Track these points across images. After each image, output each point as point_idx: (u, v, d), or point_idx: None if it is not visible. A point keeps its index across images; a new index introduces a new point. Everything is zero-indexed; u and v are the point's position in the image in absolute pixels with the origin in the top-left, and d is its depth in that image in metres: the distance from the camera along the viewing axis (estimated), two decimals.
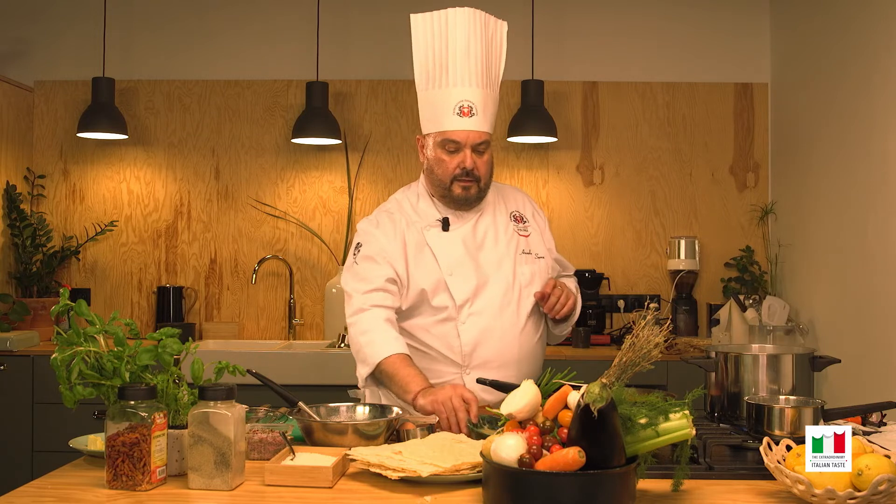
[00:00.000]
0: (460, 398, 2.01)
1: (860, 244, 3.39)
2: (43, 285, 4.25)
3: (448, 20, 2.31)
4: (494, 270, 2.35)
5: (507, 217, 2.45)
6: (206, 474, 1.59)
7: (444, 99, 2.29)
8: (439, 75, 2.31)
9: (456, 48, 2.29)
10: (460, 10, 2.31)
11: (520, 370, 2.31)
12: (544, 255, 2.44)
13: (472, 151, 2.29)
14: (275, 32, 4.48)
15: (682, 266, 4.25)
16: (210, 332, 4.40)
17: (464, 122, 2.27)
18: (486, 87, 2.32)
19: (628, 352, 1.49)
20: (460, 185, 2.31)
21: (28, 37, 4.49)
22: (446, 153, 2.30)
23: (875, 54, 3.28)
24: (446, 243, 2.35)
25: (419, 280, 2.32)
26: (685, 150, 4.45)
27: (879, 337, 3.23)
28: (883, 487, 1.42)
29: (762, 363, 2.01)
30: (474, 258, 2.35)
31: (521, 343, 2.34)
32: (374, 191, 4.44)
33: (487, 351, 2.30)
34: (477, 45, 2.30)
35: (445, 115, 2.28)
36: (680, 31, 4.45)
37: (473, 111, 2.27)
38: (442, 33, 2.31)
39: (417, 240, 2.35)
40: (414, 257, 2.34)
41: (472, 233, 2.38)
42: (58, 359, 1.70)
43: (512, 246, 2.40)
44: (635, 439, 1.49)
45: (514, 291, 2.35)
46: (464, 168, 2.29)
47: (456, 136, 2.28)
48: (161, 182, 4.47)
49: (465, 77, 2.28)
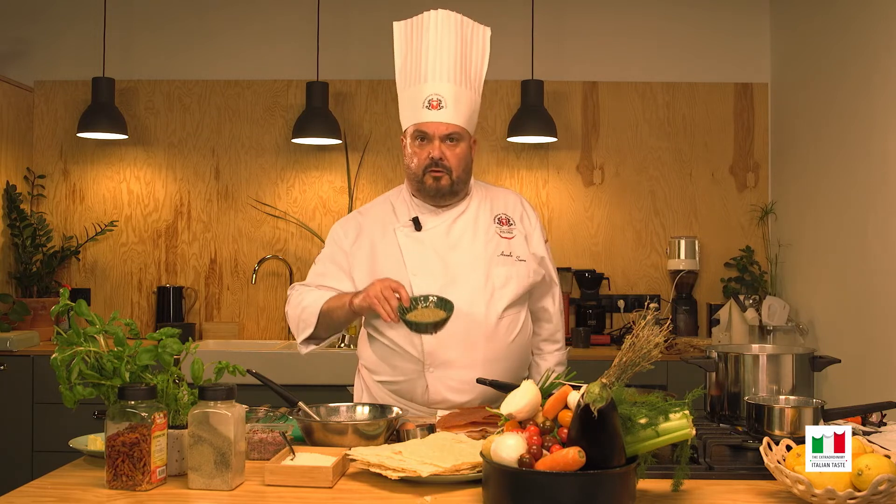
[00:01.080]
0: (387, 286, 2.17)
1: (860, 244, 3.39)
2: (43, 285, 4.25)
3: (423, 22, 2.39)
4: (466, 271, 2.34)
5: (491, 218, 2.44)
6: (206, 474, 1.59)
7: (416, 94, 2.36)
8: (413, 73, 2.38)
9: (428, 46, 2.36)
10: (437, 11, 2.38)
11: (489, 371, 2.30)
12: (526, 259, 2.42)
13: (442, 142, 2.34)
14: (275, 32, 4.48)
15: (682, 266, 4.25)
16: (210, 332, 4.40)
17: (433, 114, 2.33)
18: (460, 83, 2.36)
19: (628, 352, 1.49)
20: (431, 176, 2.35)
21: (28, 37, 4.49)
22: (417, 145, 2.36)
23: (875, 54, 3.28)
24: (415, 243, 2.38)
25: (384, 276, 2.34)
26: (685, 150, 4.45)
27: (879, 337, 3.23)
28: (883, 487, 1.42)
29: (762, 363, 2.01)
30: (444, 258, 2.35)
31: (490, 345, 2.32)
32: (374, 191, 4.44)
33: (449, 351, 2.29)
34: (450, 42, 2.36)
35: (416, 109, 2.35)
36: (680, 31, 4.45)
37: (443, 104, 2.33)
38: (417, 34, 2.39)
39: (390, 239, 2.40)
40: (382, 257, 2.38)
41: (447, 232, 2.39)
42: (58, 359, 1.70)
43: (490, 247, 2.38)
44: (635, 439, 1.49)
45: (485, 292, 2.33)
46: (432, 158, 2.33)
47: (426, 127, 2.33)
48: (161, 182, 4.47)
49: (434, 72, 2.34)
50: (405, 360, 2.34)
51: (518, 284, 2.38)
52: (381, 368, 2.40)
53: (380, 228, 2.43)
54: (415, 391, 2.34)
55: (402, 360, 2.35)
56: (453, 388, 2.30)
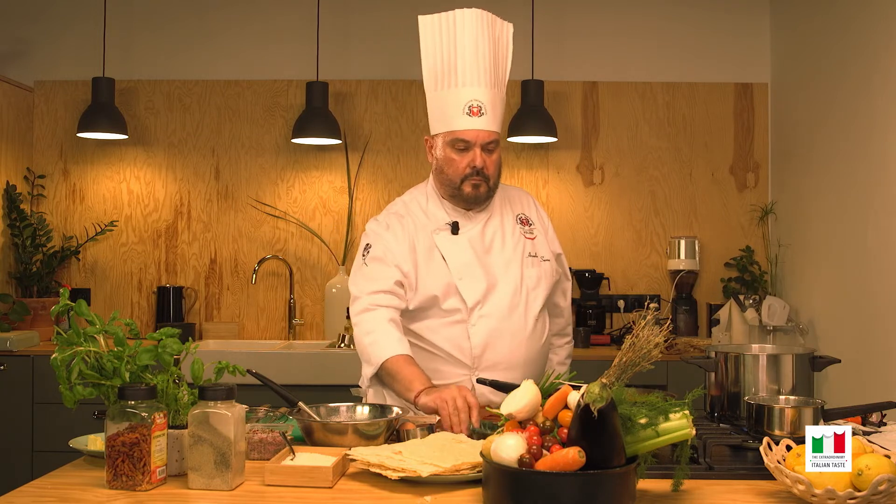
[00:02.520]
0: (464, 399, 2.00)
1: (860, 244, 3.39)
2: (43, 285, 4.25)
3: (456, 21, 2.32)
4: (503, 273, 2.36)
5: (514, 219, 2.46)
6: (206, 474, 1.59)
7: (453, 99, 2.30)
8: (448, 76, 2.32)
9: (465, 48, 2.30)
10: (468, 10, 2.33)
11: (525, 372, 2.32)
12: (549, 259, 2.45)
13: (482, 150, 2.31)
14: (275, 32, 4.48)
15: (682, 266, 4.25)
16: (210, 332, 4.40)
17: (473, 122, 2.29)
18: (495, 86, 2.33)
19: (628, 352, 1.49)
20: (471, 184, 2.32)
21: (28, 37, 4.49)
22: (456, 152, 2.31)
23: (875, 54, 3.28)
24: (456, 247, 2.36)
25: (429, 283, 2.32)
26: (685, 150, 4.45)
27: (879, 337, 3.23)
28: (883, 487, 1.42)
29: (762, 363, 2.01)
30: (483, 261, 2.35)
31: (529, 345, 2.35)
32: (374, 191, 4.44)
33: (497, 353, 2.31)
34: (485, 45, 2.32)
35: (455, 115, 2.30)
36: (680, 31, 4.45)
37: (483, 111, 2.29)
38: (450, 34, 2.32)
39: (427, 243, 2.36)
40: (423, 260, 2.34)
41: (481, 236, 2.39)
42: (58, 359, 1.70)
43: (519, 249, 2.40)
44: (635, 439, 1.49)
45: (521, 294, 2.35)
46: (474, 167, 2.30)
47: (466, 135, 2.29)
48: (161, 182, 4.47)
49: (474, 77, 2.30)
50: (453, 366, 2.32)
51: (546, 285, 2.41)
52: None
53: (417, 230, 2.38)
54: None
55: (450, 366, 2.33)
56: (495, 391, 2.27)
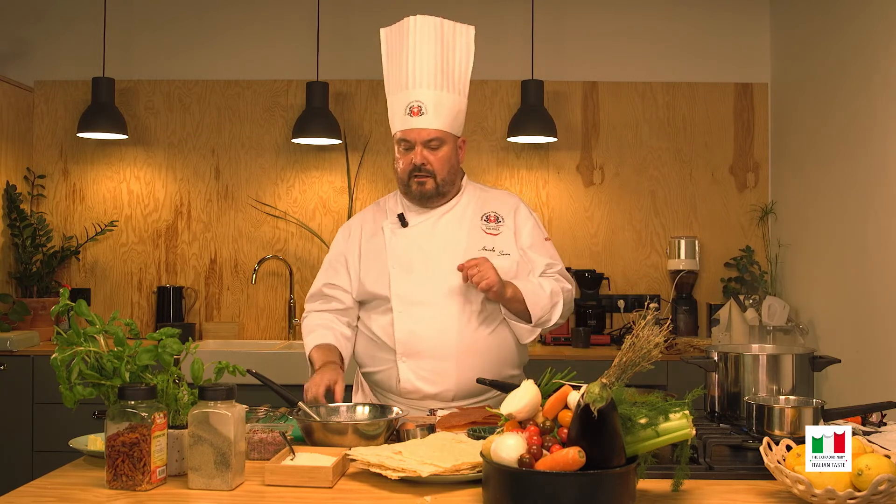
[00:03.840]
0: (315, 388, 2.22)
1: (860, 244, 3.39)
2: (43, 285, 4.25)
3: (409, 28, 2.42)
4: (445, 264, 2.38)
5: (479, 216, 2.48)
6: (206, 474, 1.59)
7: (399, 101, 2.42)
8: (396, 80, 2.44)
9: (409, 52, 2.40)
10: (420, 17, 2.42)
11: (463, 363, 2.34)
12: (510, 253, 2.43)
13: (424, 148, 2.39)
14: (275, 32, 4.48)
15: (682, 266, 4.25)
16: (210, 332, 4.40)
17: (413, 121, 2.38)
18: (441, 88, 2.40)
19: (628, 352, 1.49)
20: (415, 181, 2.42)
21: (28, 37, 4.49)
22: (401, 152, 2.43)
23: (875, 54, 3.28)
24: (400, 238, 2.46)
25: (372, 274, 2.45)
26: (685, 150, 4.45)
27: (879, 337, 3.23)
28: (883, 487, 1.42)
29: (762, 363, 2.01)
30: (425, 252, 2.42)
31: (464, 336, 2.36)
32: (374, 191, 4.44)
33: (422, 342, 2.36)
34: (429, 47, 2.40)
35: (399, 116, 2.42)
36: (680, 31, 4.45)
37: (423, 111, 2.37)
38: (402, 40, 2.43)
39: (378, 235, 2.49)
40: (369, 252, 2.48)
41: (432, 228, 2.46)
42: (58, 359, 1.70)
43: (472, 242, 2.43)
44: (635, 439, 1.49)
45: (460, 285, 2.37)
46: (414, 164, 2.39)
47: (407, 134, 2.40)
48: (161, 182, 4.47)
49: (414, 79, 2.39)
50: (384, 352, 2.42)
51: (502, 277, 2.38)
52: (364, 360, 2.50)
53: (370, 228, 2.53)
54: (390, 381, 2.41)
55: (382, 352, 2.43)
56: (424, 378, 2.36)
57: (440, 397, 2.35)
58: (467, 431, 1.90)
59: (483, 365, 2.37)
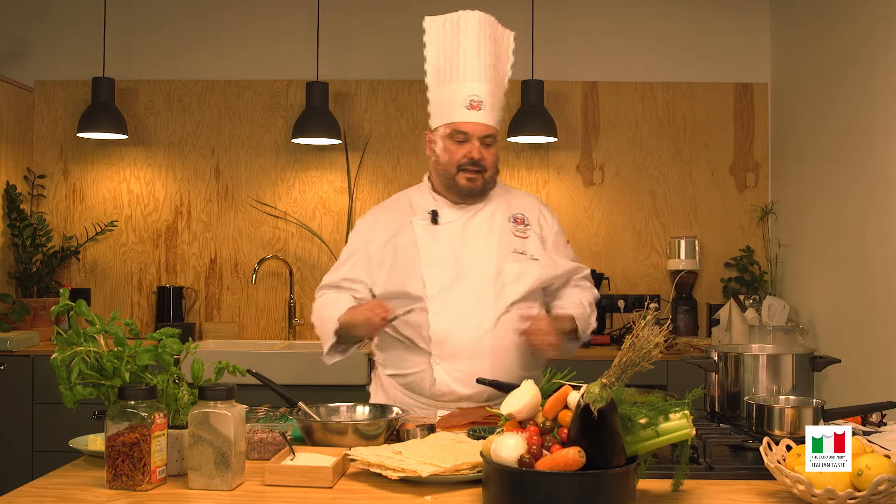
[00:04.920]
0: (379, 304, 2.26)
1: (860, 244, 3.39)
2: (43, 285, 4.25)
3: (459, 21, 2.40)
4: (478, 265, 2.38)
5: (507, 217, 2.47)
6: (206, 474, 1.59)
7: (454, 93, 2.38)
8: (449, 71, 2.40)
9: (467, 46, 2.38)
10: (471, 12, 2.41)
11: (494, 363, 2.33)
12: (540, 258, 2.45)
13: (479, 143, 2.37)
14: (275, 32, 4.48)
15: (682, 266, 4.25)
16: (210, 332, 4.40)
17: (473, 115, 2.36)
18: (494, 84, 2.40)
19: (628, 352, 1.49)
20: (465, 176, 2.38)
21: (28, 37, 4.49)
22: (454, 144, 2.38)
23: (875, 54, 3.28)
24: (431, 235, 2.41)
25: (400, 270, 2.39)
26: (685, 150, 4.45)
27: (879, 337, 3.23)
28: (883, 487, 1.42)
29: (762, 363, 2.01)
30: (458, 251, 2.39)
31: (499, 337, 2.35)
32: (374, 191, 4.44)
33: (459, 343, 2.33)
34: (486, 44, 2.39)
35: (455, 108, 2.37)
36: (680, 31, 4.45)
37: (482, 105, 2.36)
38: (453, 33, 2.40)
39: (406, 233, 2.43)
40: (398, 248, 2.42)
41: (463, 227, 2.43)
42: (58, 359, 1.70)
43: (504, 244, 2.42)
44: (635, 439, 1.49)
45: (494, 286, 2.36)
46: (471, 158, 2.36)
47: (465, 127, 2.36)
48: (161, 182, 4.47)
49: (474, 73, 2.37)
50: (415, 354, 2.37)
51: (529, 282, 2.40)
52: (391, 362, 2.45)
53: (397, 221, 2.46)
54: (423, 384, 2.37)
55: (412, 354, 2.38)
56: (459, 380, 2.32)
57: (474, 398, 2.32)
58: (467, 431, 1.90)
59: (516, 364, 2.36)
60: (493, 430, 1.83)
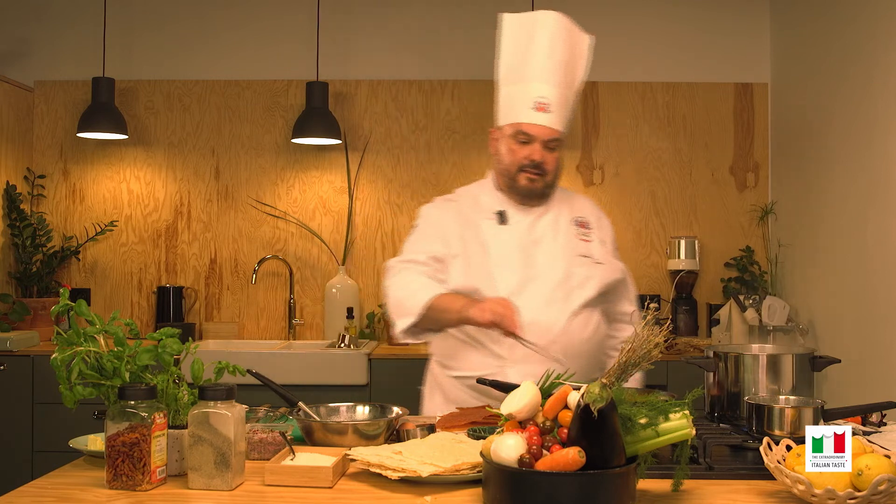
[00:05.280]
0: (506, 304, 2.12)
1: (860, 244, 3.39)
2: (43, 285, 4.25)
3: (536, 20, 2.39)
4: (546, 267, 2.36)
5: (570, 221, 2.46)
6: (206, 474, 1.59)
7: (522, 93, 2.36)
8: (520, 71, 2.38)
9: (539, 47, 2.37)
10: (549, 13, 2.40)
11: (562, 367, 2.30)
12: (604, 262, 2.45)
13: (543, 147, 2.35)
14: (275, 32, 4.48)
15: (682, 266, 4.25)
16: (210, 332, 4.40)
17: (538, 117, 2.34)
18: (565, 87, 2.38)
19: (628, 352, 1.49)
20: (526, 177, 2.37)
21: (28, 37, 4.49)
22: (517, 144, 2.37)
23: (875, 54, 3.28)
24: (500, 235, 2.39)
25: (468, 269, 2.35)
26: (685, 150, 4.45)
27: (879, 337, 3.23)
28: (883, 487, 1.42)
29: (762, 363, 2.01)
30: (527, 253, 2.37)
31: (565, 340, 2.33)
32: (374, 191, 4.44)
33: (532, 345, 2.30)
34: (559, 46, 2.38)
35: (522, 109, 2.35)
36: (680, 31, 4.45)
37: (549, 108, 2.34)
38: (528, 32, 2.39)
39: (472, 230, 2.40)
40: (466, 246, 2.38)
41: (530, 229, 2.41)
42: (58, 359, 1.70)
43: (570, 247, 2.41)
44: (635, 439, 1.49)
45: (563, 289, 2.35)
46: (532, 160, 2.35)
47: (529, 128, 2.34)
48: (161, 182, 4.47)
49: (543, 74, 2.35)
50: (486, 356, 2.34)
51: (595, 286, 2.40)
52: (458, 364, 2.39)
53: (465, 217, 2.44)
54: None
55: (479, 355, 2.34)
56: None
57: None
58: (467, 431, 1.90)
59: (580, 368, 2.33)
60: (493, 430, 1.83)
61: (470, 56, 4.38)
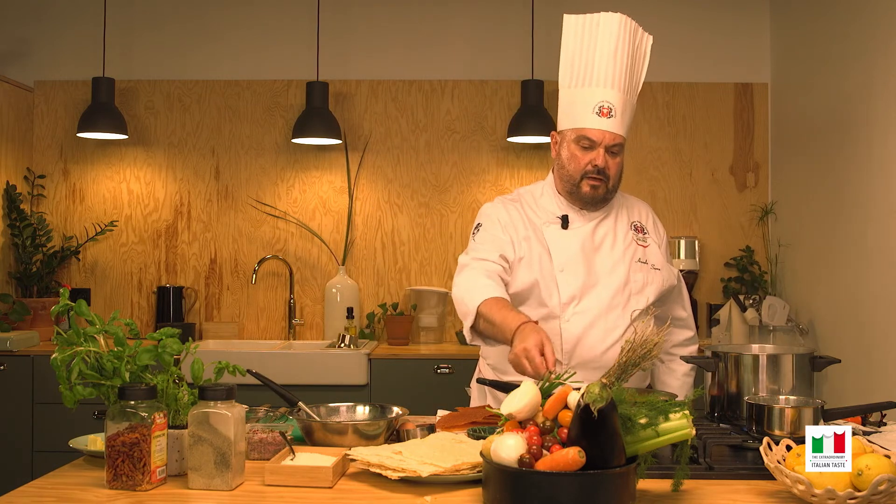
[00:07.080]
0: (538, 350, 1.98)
1: (860, 244, 3.39)
2: (43, 285, 4.25)
3: (599, 23, 2.36)
4: (607, 273, 2.36)
5: (628, 225, 2.46)
6: (206, 474, 1.59)
7: (584, 98, 2.34)
8: (582, 74, 2.36)
9: (603, 50, 2.34)
10: (613, 14, 2.36)
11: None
12: (661, 268, 2.44)
13: (606, 152, 2.33)
14: (275, 32, 4.48)
15: (682, 266, 4.25)
16: (210, 332, 4.40)
17: (601, 122, 2.32)
18: (627, 91, 2.36)
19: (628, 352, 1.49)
20: (589, 184, 2.35)
21: (28, 37, 4.49)
22: (580, 150, 2.35)
23: (875, 54, 3.28)
24: (563, 240, 2.38)
25: (529, 272, 2.35)
26: (685, 150, 4.45)
27: (879, 337, 3.23)
28: (883, 487, 1.42)
29: (762, 363, 2.01)
30: (588, 258, 2.37)
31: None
32: (374, 191, 4.44)
33: (588, 351, 2.31)
34: (623, 50, 2.35)
35: (584, 114, 2.33)
36: (680, 31, 4.45)
37: (612, 113, 2.32)
38: (591, 35, 2.36)
39: (533, 233, 2.39)
40: (527, 249, 2.37)
41: (591, 234, 2.40)
42: (58, 359, 1.70)
43: (629, 252, 2.41)
44: (635, 439, 1.49)
45: (622, 295, 2.35)
46: (595, 166, 2.33)
47: (592, 134, 2.32)
48: (161, 182, 4.47)
49: (607, 79, 2.33)
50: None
51: (653, 291, 2.40)
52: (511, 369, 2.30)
53: (528, 220, 2.42)
54: None
55: None
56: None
57: None
58: (467, 431, 1.90)
59: (641, 375, 2.33)
60: (493, 430, 1.83)
61: (470, 56, 4.38)
